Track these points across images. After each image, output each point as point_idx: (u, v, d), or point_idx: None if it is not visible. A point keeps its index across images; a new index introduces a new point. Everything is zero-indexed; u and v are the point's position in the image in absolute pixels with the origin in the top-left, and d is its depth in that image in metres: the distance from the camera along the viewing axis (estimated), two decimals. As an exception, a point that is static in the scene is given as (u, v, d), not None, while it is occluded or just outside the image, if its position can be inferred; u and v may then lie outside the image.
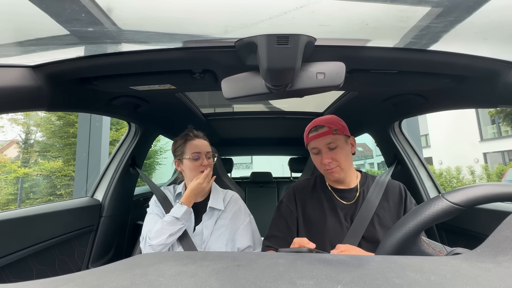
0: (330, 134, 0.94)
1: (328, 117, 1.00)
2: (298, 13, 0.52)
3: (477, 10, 0.52)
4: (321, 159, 0.95)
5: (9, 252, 0.97)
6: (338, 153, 0.94)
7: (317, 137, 0.96)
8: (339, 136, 0.95)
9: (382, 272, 0.27)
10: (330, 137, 0.94)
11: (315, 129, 0.98)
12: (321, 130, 0.96)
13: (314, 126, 0.98)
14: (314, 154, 0.99)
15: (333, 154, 0.94)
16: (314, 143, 0.97)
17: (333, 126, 0.95)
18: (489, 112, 10.56)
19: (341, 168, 0.95)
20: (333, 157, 0.94)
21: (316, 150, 0.97)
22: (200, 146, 1.12)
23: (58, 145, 8.58)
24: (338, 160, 0.94)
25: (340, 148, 0.95)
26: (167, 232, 0.98)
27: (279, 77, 0.62)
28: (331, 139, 0.94)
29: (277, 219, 1.05)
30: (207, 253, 0.35)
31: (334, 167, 0.94)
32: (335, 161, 0.94)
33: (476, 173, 10.79)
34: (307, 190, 1.06)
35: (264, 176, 2.97)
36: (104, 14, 0.53)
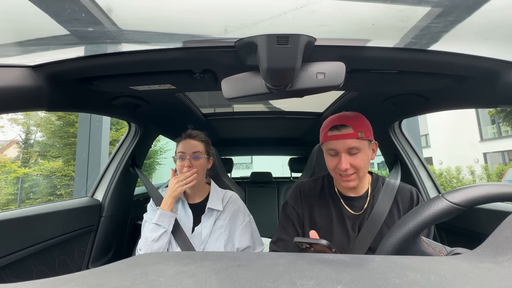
0: (355, 137, 0.81)
1: (354, 115, 0.86)
2: (298, 13, 0.52)
3: (477, 10, 0.52)
4: (338, 163, 0.82)
5: (9, 252, 0.97)
6: (358, 159, 0.81)
7: (338, 138, 0.82)
8: (363, 141, 0.82)
9: (382, 272, 0.27)
10: (354, 141, 0.81)
11: (336, 128, 0.83)
12: (344, 130, 0.82)
13: (336, 125, 0.84)
14: (330, 156, 0.86)
15: (353, 160, 0.81)
16: (333, 144, 0.83)
17: (359, 128, 0.82)
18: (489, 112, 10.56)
19: (358, 176, 0.84)
20: (352, 163, 0.81)
21: (333, 152, 0.84)
22: (186, 147, 1.12)
23: (58, 145, 8.59)
24: (358, 167, 0.81)
25: (362, 154, 0.82)
26: (149, 239, 1.00)
27: (279, 77, 0.62)
28: (354, 144, 0.81)
29: (284, 221, 0.97)
30: (207, 253, 0.35)
31: (351, 175, 0.82)
32: (354, 167, 0.82)
33: (476, 173, 10.79)
34: (314, 193, 0.97)
35: (264, 176, 2.97)
36: (104, 14, 0.53)
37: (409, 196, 0.90)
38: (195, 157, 1.12)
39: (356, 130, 0.81)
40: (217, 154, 1.54)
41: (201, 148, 1.15)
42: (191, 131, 1.17)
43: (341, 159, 0.82)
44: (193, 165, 1.10)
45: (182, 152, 1.11)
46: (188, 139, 1.14)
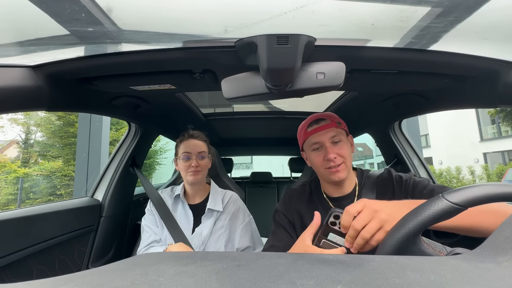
0: (333, 126, 0.86)
1: (327, 112, 0.93)
2: (298, 13, 0.52)
3: (477, 10, 0.52)
4: (325, 155, 0.85)
5: (9, 252, 0.97)
6: (343, 147, 0.85)
7: (319, 129, 0.87)
8: (341, 130, 0.88)
9: (382, 272, 0.27)
10: (334, 130, 0.86)
11: (315, 122, 0.89)
12: (323, 122, 0.87)
13: (314, 120, 0.90)
14: (315, 151, 0.89)
15: (338, 149, 0.85)
16: (315, 137, 0.87)
17: (335, 119, 0.89)
18: (489, 112, 10.56)
19: (346, 166, 0.86)
20: (338, 152, 0.84)
21: (317, 145, 0.87)
22: (191, 146, 1.12)
23: (58, 145, 8.59)
24: (344, 155, 0.85)
25: (344, 143, 0.87)
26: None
27: (279, 77, 0.62)
28: (335, 132, 0.86)
29: (276, 229, 0.96)
30: (207, 253, 0.35)
31: (340, 164, 0.84)
32: (341, 156, 0.84)
33: (476, 173, 10.80)
34: (303, 199, 0.97)
35: (264, 176, 2.97)
36: (104, 14, 0.53)
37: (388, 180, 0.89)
38: (201, 157, 1.13)
39: (333, 120, 0.88)
40: (217, 154, 1.54)
41: (205, 148, 1.16)
42: (193, 131, 1.17)
43: (327, 149, 0.85)
44: (199, 165, 1.10)
45: (187, 152, 1.10)
46: (191, 139, 1.14)
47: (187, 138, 1.15)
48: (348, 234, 0.56)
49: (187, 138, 1.15)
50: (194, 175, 1.09)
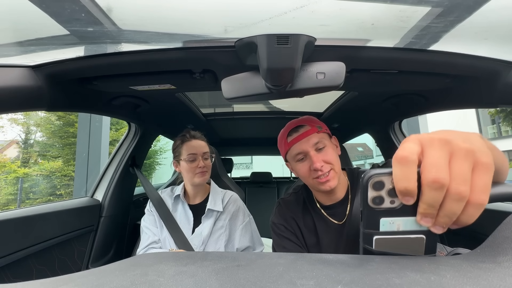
0: (314, 132, 0.80)
1: (304, 117, 0.86)
2: (298, 13, 0.52)
3: (477, 10, 0.52)
4: (311, 164, 0.78)
5: (9, 252, 0.97)
6: (328, 153, 0.78)
7: (300, 138, 0.80)
8: (323, 134, 0.81)
9: (382, 272, 0.27)
10: (315, 135, 0.79)
11: (294, 130, 0.82)
12: (303, 129, 0.81)
13: (293, 128, 0.83)
14: (299, 162, 0.81)
15: (323, 156, 0.78)
16: (297, 147, 0.80)
17: (314, 123, 0.82)
18: (489, 112, 10.56)
19: (335, 172, 0.79)
20: (324, 159, 0.78)
21: (301, 156, 0.80)
22: (196, 147, 1.11)
23: (58, 145, 8.59)
24: (331, 161, 0.78)
25: (329, 148, 0.80)
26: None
27: (279, 77, 0.62)
28: (317, 138, 0.79)
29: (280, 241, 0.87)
30: (207, 253, 0.35)
31: (327, 171, 0.77)
32: (328, 163, 0.78)
33: (476, 173, 10.78)
34: (297, 210, 0.90)
35: (264, 176, 2.97)
36: (104, 14, 0.53)
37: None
38: (206, 157, 1.12)
39: (313, 125, 0.81)
40: (217, 154, 1.54)
41: (208, 148, 1.16)
42: (194, 132, 1.17)
43: (312, 158, 0.77)
44: (205, 165, 1.10)
45: (193, 153, 1.09)
46: (194, 140, 1.13)
47: (190, 138, 1.13)
48: (423, 201, 0.28)
49: (189, 138, 1.13)
50: (202, 176, 1.09)
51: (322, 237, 0.83)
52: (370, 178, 0.34)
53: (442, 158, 0.27)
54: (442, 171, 0.27)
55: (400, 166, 0.29)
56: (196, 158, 1.09)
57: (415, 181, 0.28)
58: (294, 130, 0.82)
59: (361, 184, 0.34)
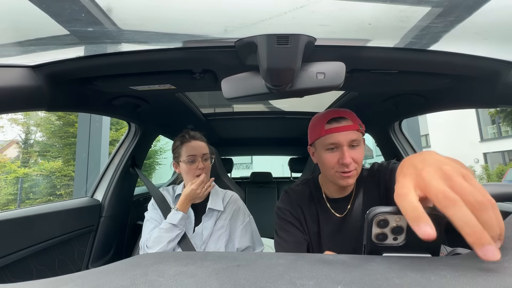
0: (355, 129, 0.78)
1: (348, 110, 0.83)
2: (298, 13, 0.52)
3: (477, 10, 0.52)
4: (340, 157, 0.77)
5: (9, 252, 0.97)
6: (359, 153, 0.78)
7: (340, 130, 0.77)
8: (360, 134, 0.80)
9: (382, 272, 0.27)
10: (355, 133, 0.78)
11: (335, 120, 0.79)
12: (345, 122, 0.78)
13: (335, 117, 0.79)
14: (328, 151, 0.80)
15: (354, 153, 0.77)
16: (334, 137, 0.78)
17: (356, 120, 0.80)
18: (489, 112, 10.57)
19: (357, 172, 0.79)
20: (354, 157, 0.77)
21: (333, 146, 0.79)
22: (196, 148, 1.10)
23: (58, 145, 8.59)
24: (358, 161, 0.78)
25: (361, 148, 0.80)
26: (166, 239, 0.98)
27: (279, 77, 0.62)
28: (355, 136, 0.77)
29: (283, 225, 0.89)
30: (207, 253, 0.35)
31: (352, 170, 0.77)
32: (356, 162, 0.77)
33: (476, 173, 10.80)
34: (304, 199, 0.92)
35: (264, 176, 2.97)
36: (104, 14, 0.53)
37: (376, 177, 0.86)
38: (205, 158, 1.11)
39: (355, 122, 0.79)
40: (217, 154, 1.54)
41: (207, 149, 1.15)
42: (193, 132, 1.16)
43: (344, 153, 0.76)
44: (204, 167, 1.09)
45: (192, 155, 1.08)
46: (193, 141, 1.12)
47: (189, 139, 1.12)
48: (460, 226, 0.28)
49: (188, 139, 1.12)
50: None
51: (323, 227, 0.86)
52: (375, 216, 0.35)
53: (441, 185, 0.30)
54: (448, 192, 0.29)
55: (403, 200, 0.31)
56: (196, 160, 1.08)
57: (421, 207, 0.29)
58: (336, 120, 0.79)
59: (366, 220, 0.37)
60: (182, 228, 1.02)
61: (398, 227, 0.35)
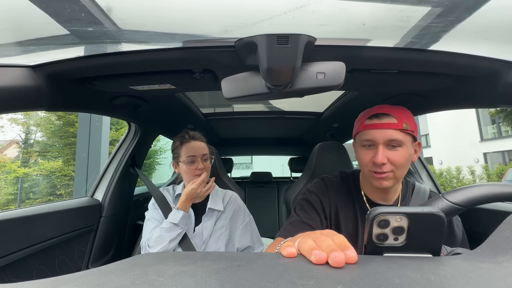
0: (398, 128, 0.71)
1: (399, 107, 0.76)
2: (298, 13, 0.52)
3: (477, 10, 0.52)
4: (374, 156, 0.72)
5: (9, 252, 0.97)
6: (399, 154, 0.71)
7: (378, 127, 0.72)
8: (406, 135, 0.72)
9: (382, 272, 0.27)
10: (396, 132, 0.71)
11: (377, 116, 0.74)
12: (386, 119, 0.72)
13: (377, 113, 0.74)
14: (364, 147, 0.76)
15: (392, 154, 0.71)
16: (370, 134, 0.73)
17: (404, 120, 0.72)
18: (489, 112, 10.56)
19: (395, 176, 0.72)
20: (391, 158, 0.71)
21: (369, 143, 0.74)
22: (195, 149, 1.09)
23: (58, 145, 8.58)
24: (397, 164, 0.71)
25: (404, 150, 0.71)
26: (167, 238, 0.98)
27: (279, 77, 0.62)
28: (396, 136, 0.71)
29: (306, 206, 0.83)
30: (207, 253, 0.35)
31: (387, 172, 0.71)
32: (392, 163, 0.71)
33: (476, 173, 10.79)
34: (341, 192, 0.86)
35: (264, 176, 2.97)
36: (104, 14, 0.53)
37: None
38: (205, 158, 1.11)
39: (401, 121, 0.72)
40: (217, 154, 1.54)
41: (207, 149, 1.14)
42: (193, 133, 1.16)
43: (378, 151, 0.71)
44: (204, 167, 1.09)
45: (192, 155, 1.08)
46: (193, 141, 1.11)
47: (189, 139, 1.12)
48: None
49: (188, 139, 1.12)
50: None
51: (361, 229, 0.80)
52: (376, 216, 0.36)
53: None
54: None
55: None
56: (195, 160, 1.08)
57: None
58: (377, 116, 0.74)
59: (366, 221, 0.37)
60: (183, 227, 1.02)
61: (399, 227, 0.36)
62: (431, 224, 0.35)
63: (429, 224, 0.35)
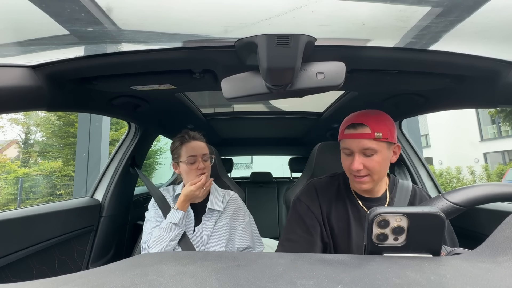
0: (371, 138, 0.77)
1: (375, 114, 0.81)
2: (298, 13, 0.52)
3: (477, 10, 0.52)
4: (351, 163, 0.79)
5: (9, 252, 0.97)
6: (373, 161, 0.78)
7: (353, 137, 0.79)
8: (380, 143, 0.78)
9: (382, 272, 0.27)
10: (369, 142, 0.77)
11: (353, 126, 0.80)
12: (361, 129, 0.78)
13: (353, 123, 0.80)
14: (345, 154, 0.84)
15: (367, 161, 0.78)
16: (347, 143, 0.81)
17: (377, 128, 0.77)
18: (489, 112, 10.55)
19: (372, 179, 0.80)
20: (366, 165, 0.78)
21: (348, 151, 0.81)
22: (196, 149, 1.09)
23: (58, 145, 8.58)
24: (371, 169, 0.78)
25: (378, 156, 0.78)
26: (167, 238, 0.99)
27: (279, 77, 0.62)
28: (370, 145, 0.77)
29: (293, 220, 0.90)
30: (207, 253, 0.35)
31: (364, 176, 0.79)
32: (367, 169, 0.78)
33: (476, 173, 10.79)
34: (330, 192, 0.92)
35: (264, 176, 2.97)
36: (104, 14, 0.53)
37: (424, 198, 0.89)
38: (205, 159, 1.11)
39: (374, 130, 0.77)
40: (217, 154, 1.54)
41: (207, 149, 1.14)
42: (193, 133, 1.15)
43: (354, 159, 0.79)
44: (205, 167, 1.09)
45: (193, 155, 1.07)
46: (193, 141, 1.11)
47: (189, 139, 1.11)
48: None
49: (188, 139, 1.11)
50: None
51: (353, 224, 0.85)
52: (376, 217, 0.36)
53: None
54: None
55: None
56: (196, 160, 1.08)
57: None
58: (353, 126, 0.80)
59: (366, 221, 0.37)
60: (182, 227, 1.02)
61: (399, 227, 0.36)
62: (431, 224, 0.35)
63: (429, 224, 0.35)
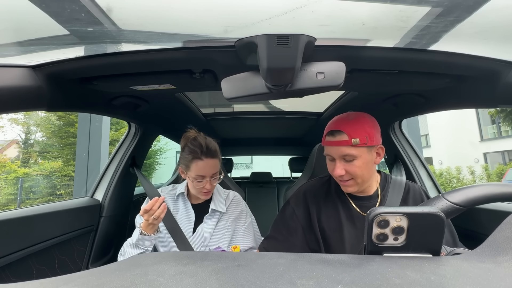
0: (348, 145, 0.78)
1: (353, 119, 0.82)
2: (298, 13, 0.52)
3: (477, 10, 0.52)
4: (333, 169, 0.82)
5: (9, 252, 0.97)
6: (354, 166, 0.79)
7: (332, 144, 0.81)
8: (359, 148, 0.78)
9: (382, 272, 0.27)
10: (347, 148, 0.78)
11: (331, 133, 0.82)
12: (339, 137, 0.80)
13: (331, 130, 0.82)
14: (328, 160, 0.87)
15: (348, 166, 0.80)
16: (328, 150, 0.84)
17: (354, 135, 0.78)
18: (489, 112, 10.55)
19: (356, 183, 0.82)
20: (348, 170, 0.80)
21: (330, 157, 0.84)
22: (206, 169, 1.01)
23: (58, 145, 8.59)
24: (353, 174, 0.80)
25: (359, 160, 0.79)
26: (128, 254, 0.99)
27: (279, 77, 0.62)
28: (348, 151, 0.78)
29: (280, 221, 0.96)
30: (207, 253, 0.35)
31: (347, 180, 0.82)
32: (349, 174, 0.80)
33: (476, 173, 10.79)
34: (320, 194, 0.93)
35: (264, 176, 2.97)
36: (104, 14, 0.53)
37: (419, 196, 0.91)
38: (214, 178, 1.06)
39: (351, 136, 0.78)
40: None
41: (218, 166, 1.07)
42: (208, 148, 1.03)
43: (336, 165, 0.81)
44: (212, 185, 1.05)
45: (202, 175, 1.01)
46: (206, 159, 1.01)
47: (200, 156, 1.01)
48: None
49: (200, 156, 1.01)
50: (206, 195, 1.07)
51: (345, 223, 0.86)
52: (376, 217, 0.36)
53: None
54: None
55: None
56: (204, 179, 1.03)
57: None
58: (331, 133, 0.82)
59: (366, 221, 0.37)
60: (145, 248, 0.99)
61: (399, 227, 0.36)
62: (431, 224, 0.35)
63: (429, 224, 0.35)
